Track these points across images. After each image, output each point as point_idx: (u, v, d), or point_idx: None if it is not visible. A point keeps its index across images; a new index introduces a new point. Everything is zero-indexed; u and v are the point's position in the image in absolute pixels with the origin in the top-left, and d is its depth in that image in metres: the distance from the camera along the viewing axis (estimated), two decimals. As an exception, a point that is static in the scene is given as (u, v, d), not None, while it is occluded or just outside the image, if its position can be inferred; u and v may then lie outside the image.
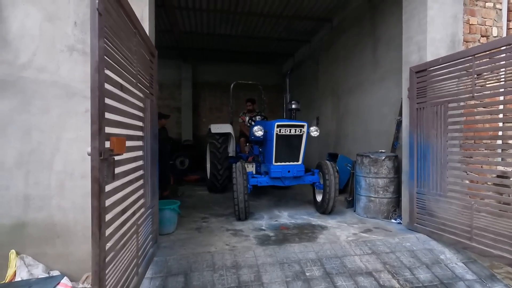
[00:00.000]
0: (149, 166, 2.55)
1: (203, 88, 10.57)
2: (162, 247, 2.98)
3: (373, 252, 2.97)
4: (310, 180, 4.23)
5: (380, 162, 3.97)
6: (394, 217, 3.90)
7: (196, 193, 5.86)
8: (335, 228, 3.60)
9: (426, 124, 3.30)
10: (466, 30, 3.45)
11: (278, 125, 3.85)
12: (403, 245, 3.12)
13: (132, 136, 2.08)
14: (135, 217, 2.07)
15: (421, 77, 3.36)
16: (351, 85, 5.87)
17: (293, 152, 4.01)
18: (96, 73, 1.36)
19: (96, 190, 1.34)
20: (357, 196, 4.24)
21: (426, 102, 3.31)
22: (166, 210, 3.32)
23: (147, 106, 2.51)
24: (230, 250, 2.91)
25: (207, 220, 3.96)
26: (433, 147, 3.20)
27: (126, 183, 1.87)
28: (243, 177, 3.72)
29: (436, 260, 2.90)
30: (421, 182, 3.36)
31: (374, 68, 5.08)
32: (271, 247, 2.98)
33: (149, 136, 2.56)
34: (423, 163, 3.34)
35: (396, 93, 4.47)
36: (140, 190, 2.28)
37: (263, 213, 4.32)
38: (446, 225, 3.06)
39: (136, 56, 2.12)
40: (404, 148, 3.68)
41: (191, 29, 7.53)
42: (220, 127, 5.62)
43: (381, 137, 4.86)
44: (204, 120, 10.58)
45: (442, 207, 3.12)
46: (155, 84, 2.84)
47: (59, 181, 2.56)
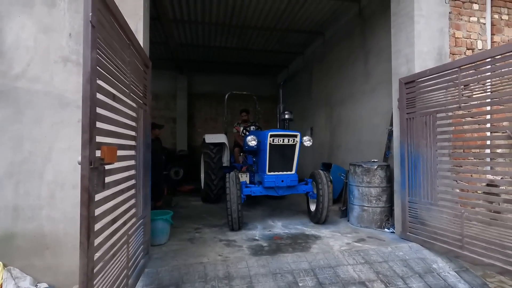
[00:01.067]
0: (141, 175, 2.55)
1: (198, 99, 10.64)
2: (154, 258, 2.94)
3: (366, 261, 2.96)
4: (303, 190, 4.24)
5: (372, 171, 4.01)
6: (387, 226, 3.91)
7: (190, 204, 5.82)
8: (329, 238, 3.60)
9: (416, 134, 3.36)
10: (452, 43, 3.57)
11: (271, 135, 3.88)
12: (396, 254, 3.12)
13: (124, 145, 2.09)
14: (125, 227, 2.06)
15: (410, 88, 3.45)
16: (344, 96, 5.97)
17: (286, 161, 4.04)
18: (88, 84, 1.38)
19: (85, 199, 1.34)
20: (350, 206, 4.25)
21: (415, 113, 3.38)
22: (159, 221, 3.29)
23: (140, 116, 2.53)
24: (223, 260, 2.88)
25: (200, 231, 3.93)
26: (423, 156, 3.26)
27: (117, 192, 1.87)
28: (237, 187, 3.72)
29: (428, 269, 2.91)
30: (413, 191, 3.40)
31: (365, 79, 5.19)
32: (264, 257, 2.96)
33: (141, 145, 2.56)
34: (414, 172, 3.38)
35: (386, 103, 4.56)
36: (132, 200, 2.28)
37: (257, 223, 4.30)
38: (438, 233, 3.08)
39: (129, 67, 2.16)
40: (395, 157, 3.73)
41: (187, 41, 7.65)
42: (214, 137, 5.64)
43: (373, 147, 4.92)
44: (199, 130, 10.59)
45: (434, 216, 3.14)
46: (148, 94, 2.87)
47: (50, 191, 2.53)
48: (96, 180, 1.43)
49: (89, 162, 1.36)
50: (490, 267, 2.60)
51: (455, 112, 2.96)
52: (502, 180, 2.68)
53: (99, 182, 1.45)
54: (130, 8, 2.69)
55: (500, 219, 2.61)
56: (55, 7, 2.60)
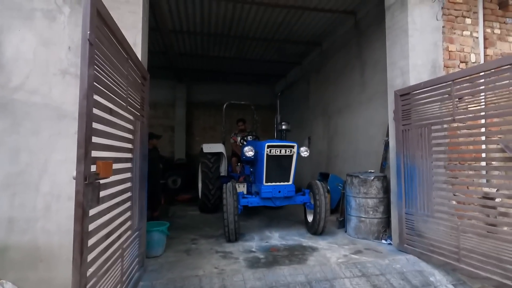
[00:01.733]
0: (137, 187, 2.55)
1: (197, 107, 10.69)
2: (149, 271, 2.91)
3: (363, 274, 2.94)
4: (301, 201, 4.23)
5: (369, 182, 4.02)
6: (385, 238, 3.90)
7: (187, 213, 5.79)
8: (326, 250, 3.58)
9: (411, 145, 3.38)
10: (446, 56, 3.63)
11: (268, 145, 3.90)
12: (393, 267, 3.11)
13: (120, 158, 2.10)
14: (120, 241, 2.05)
15: (405, 100, 3.49)
16: (341, 106, 6.03)
17: (283, 172, 4.04)
18: (85, 100, 1.40)
19: (79, 214, 1.35)
20: (347, 217, 4.25)
21: (411, 124, 3.41)
22: (155, 232, 3.27)
23: (137, 128, 2.54)
24: (219, 273, 2.86)
25: (197, 242, 3.90)
26: (419, 168, 3.27)
27: (112, 206, 1.87)
28: (234, 198, 3.72)
29: (426, 282, 2.89)
30: (409, 202, 3.40)
31: (362, 89, 5.25)
32: (261, 270, 2.94)
33: (138, 157, 2.57)
34: (410, 184, 3.39)
35: (383, 114, 4.60)
36: (127, 213, 2.27)
37: (254, 234, 4.28)
38: (435, 246, 3.08)
39: (127, 80, 2.18)
40: (391, 168, 3.74)
41: (186, 51, 7.73)
42: (212, 147, 5.65)
43: (370, 157, 4.94)
44: (198, 139, 10.61)
45: (430, 227, 3.14)
46: (146, 105, 2.89)
47: (45, 203, 2.53)
48: (90, 195, 1.43)
49: (84, 177, 1.37)
50: (487, 280, 2.59)
51: (450, 125, 3.00)
52: (497, 192, 2.69)
53: (94, 197, 1.46)
54: (129, 22, 2.74)
55: (496, 232, 2.62)
56: (55, 20, 2.64)
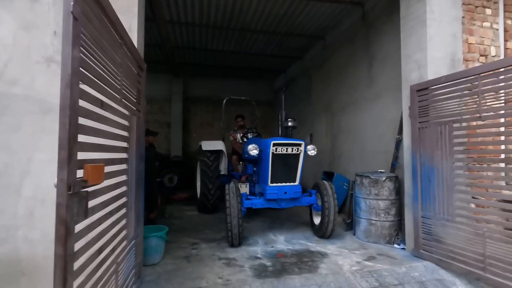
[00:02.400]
0: (133, 191, 2.27)
1: (194, 103, 10.36)
2: (146, 282, 2.64)
3: (381, 284, 2.72)
4: (307, 202, 3.99)
5: (380, 183, 3.79)
6: (397, 242, 3.68)
7: (185, 214, 5.52)
8: (336, 256, 3.34)
9: (429, 144, 3.15)
10: (466, 49, 3.39)
11: (274, 143, 3.63)
12: (411, 275, 2.88)
13: (114, 159, 1.81)
14: (114, 255, 1.77)
15: (423, 95, 3.25)
16: (345, 103, 5.78)
17: (290, 172, 3.79)
18: (68, 88, 1.12)
19: (61, 233, 1.07)
20: (357, 219, 4.02)
21: (429, 122, 3.18)
22: (152, 238, 3.00)
23: (133, 124, 2.25)
24: (223, 285, 2.60)
25: (197, 247, 3.64)
26: (438, 168, 3.04)
27: (104, 216, 1.59)
28: (237, 200, 3.46)
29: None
30: (426, 205, 3.18)
31: (369, 85, 5.00)
32: (269, 280, 2.69)
33: (134, 157, 2.29)
34: (427, 186, 3.16)
35: (393, 111, 4.37)
36: (122, 221, 1.99)
37: (257, 237, 4.03)
38: (456, 252, 2.86)
39: (121, 69, 1.89)
40: (406, 169, 3.51)
41: (183, 44, 7.39)
42: (211, 144, 5.37)
43: (378, 156, 4.71)
44: (195, 135, 10.29)
45: (451, 233, 2.92)
46: (142, 99, 2.60)
47: (28, 208, 2.23)
48: (76, 208, 1.15)
49: (68, 186, 1.09)
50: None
51: (473, 123, 2.77)
52: None
53: (80, 210, 1.18)
54: (123, 4, 2.43)
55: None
56: (38, 1, 2.32)
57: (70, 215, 1.10)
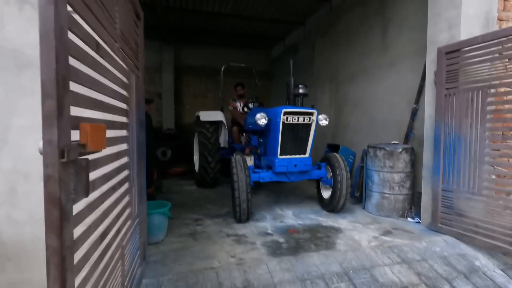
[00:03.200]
0: (135, 163, 1.93)
1: (186, 73, 9.73)
2: (152, 263, 2.39)
3: (403, 260, 2.56)
4: (316, 175, 3.76)
5: (396, 155, 3.57)
6: (411, 216, 3.54)
7: (183, 189, 5.24)
8: (351, 230, 3.17)
9: (457, 112, 2.90)
10: (501, 6, 3.05)
11: (285, 112, 3.30)
12: (433, 250, 2.75)
13: (114, 123, 1.45)
14: (119, 238, 1.48)
15: (452, 58, 2.94)
16: (354, 72, 5.41)
17: (300, 143, 3.50)
18: (51, 5, 0.73)
19: (54, 218, 0.74)
20: (368, 192, 3.84)
21: (457, 88, 2.90)
22: (155, 215, 2.72)
23: (132, 83, 1.87)
24: (238, 264, 2.38)
25: (202, 223, 3.39)
26: (466, 139, 2.82)
27: (106, 192, 1.27)
28: (245, 173, 3.17)
29: (472, 268, 2.55)
30: (448, 178, 2.99)
31: (383, 52, 4.63)
32: (286, 258, 2.49)
33: (135, 123, 1.93)
34: (451, 157, 2.95)
35: (410, 79, 4.06)
36: (126, 197, 1.68)
37: (264, 212, 3.82)
38: (480, 226, 2.72)
39: (117, 7, 1.48)
40: (426, 140, 3.28)
41: (175, 4, 6.69)
42: (210, 115, 4.99)
43: (389, 127, 4.47)
44: (188, 107, 9.79)
45: (475, 206, 2.76)
46: (141, 55, 2.19)
47: (9, 184, 1.87)
48: (73, 182, 0.82)
49: (60, 151, 0.74)
50: (550, 267, 2.26)
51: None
52: None
53: (80, 185, 0.85)
54: None
55: None
56: None
57: (65, 193, 0.77)
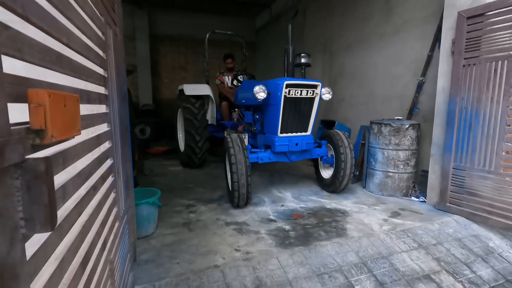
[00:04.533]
0: (119, 148, 1.50)
1: (163, 42, 8.85)
2: (143, 263, 2.03)
3: (419, 245, 2.39)
4: (317, 154, 3.48)
5: (403, 131, 3.34)
6: (415, 195, 3.40)
7: (167, 170, 4.81)
8: (358, 213, 2.97)
9: (476, 85, 2.66)
10: (527, -34, 2.74)
11: (287, 84, 2.90)
12: (446, 232, 2.61)
13: (89, 94, 1.01)
14: (106, 251, 1.09)
15: (475, 24, 2.65)
16: (351, 41, 5.04)
17: (302, 120, 3.16)
18: None
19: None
20: (370, 171, 3.64)
21: (479, 57, 2.64)
22: (143, 206, 2.32)
23: (109, 41, 1.38)
24: (245, 259, 2.08)
25: (195, 210, 3.04)
26: (485, 114, 2.61)
27: (85, 197, 0.86)
28: (244, 154, 2.81)
29: (487, 249, 2.44)
30: (461, 156, 2.81)
31: (385, 18, 4.26)
32: (298, 249, 2.22)
33: (116, 95, 1.47)
34: (466, 134, 2.76)
35: (416, 49, 3.77)
36: (111, 195, 1.26)
37: (261, 194, 3.53)
38: (495, 206, 2.59)
39: None
40: (438, 115, 3.05)
41: (148, -41, 5.81)
42: (196, 88, 4.47)
43: (390, 102, 4.23)
44: (166, 80, 9.04)
45: (491, 185, 2.62)
46: (118, 7, 1.67)
47: None
48: (23, 204, 0.41)
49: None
50: None
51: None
52: None
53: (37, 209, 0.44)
54: None
55: None
56: None
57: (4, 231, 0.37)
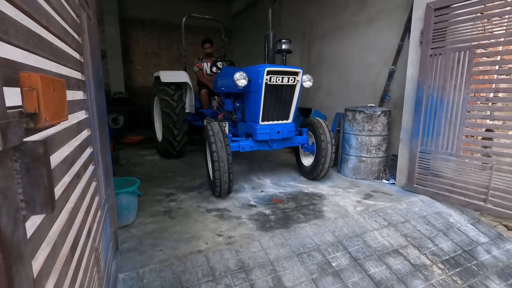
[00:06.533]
0: (97, 135, 1.47)
1: (134, 27, 8.44)
2: (126, 252, 2.03)
3: (389, 223, 2.59)
4: (299, 142, 3.56)
5: (375, 118, 3.51)
6: (386, 177, 3.62)
7: (144, 160, 4.71)
8: (333, 196, 3.13)
9: (442, 74, 2.84)
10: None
11: (269, 71, 2.92)
12: (413, 210, 2.83)
13: (68, 79, 0.98)
14: (91, 239, 1.09)
15: (441, 15, 2.81)
16: (326, 29, 5.12)
17: (283, 108, 3.21)
18: None
19: None
20: (345, 156, 3.81)
21: (444, 47, 2.81)
22: (123, 195, 2.28)
23: (84, 25, 1.32)
24: (228, 244, 2.14)
25: (175, 198, 3.04)
26: (448, 101, 2.81)
27: (70, 183, 0.85)
28: (225, 142, 2.82)
29: (448, 225, 2.69)
30: (427, 140, 3.02)
31: (360, 8, 4.37)
32: (278, 232, 2.32)
33: (92, 81, 1.42)
34: (432, 119, 2.96)
35: (388, 38, 3.93)
36: (92, 183, 1.25)
37: (241, 181, 3.58)
38: (455, 186, 2.84)
39: None
40: (407, 102, 3.24)
41: None
42: (173, 75, 4.34)
43: (364, 90, 4.40)
44: (138, 67, 8.69)
45: (452, 167, 2.86)
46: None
47: None
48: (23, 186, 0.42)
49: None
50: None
51: (505, 47, 2.47)
52: None
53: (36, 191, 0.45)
54: None
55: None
56: None
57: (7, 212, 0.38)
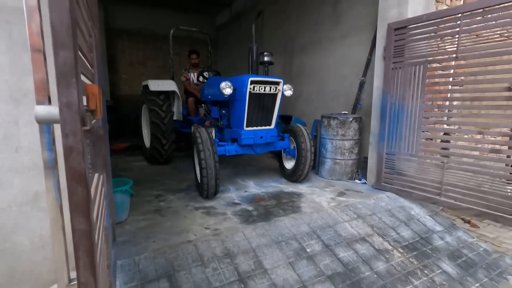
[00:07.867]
0: (102, 136, 1.70)
1: (120, 36, 8.62)
2: (121, 243, 2.23)
3: (358, 216, 2.91)
4: (281, 146, 3.87)
5: (348, 124, 3.89)
6: (358, 178, 3.99)
7: (132, 165, 4.87)
8: (311, 194, 3.44)
9: (402, 85, 3.26)
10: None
11: (252, 81, 3.23)
12: (380, 205, 3.18)
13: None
14: (103, 219, 1.33)
15: (400, 34, 3.24)
16: (306, 43, 5.54)
17: (266, 114, 3.52)
18: None
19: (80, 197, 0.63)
20: (321, 159, 4.15)
21: (403, 62, 3.23)
22: (117, 194, 2.49)
23: (96, 43, 1.58)
24: (214, 235, 2.39)
25: (164, 199, 3.25)
26: (408, 108, 3.22)
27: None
28: (212, 148, 3.06)
29: (409, 216, 3.05)
30: (392, 143, 3.41)
31: (334, 24, 4.81)
32: (260, 224, 2.59)
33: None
34: (395, 125, 3.36)
35: (359, 52, 4.36)
36: (101, 176, 1.48)
37: (226, 183, 3.83)
38: (416, 183, 3.22)
39: None
40: (374, 110, 3.63)
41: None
42: (161, 84, 4.58)
43: (339, 99, 4.80)
44: (124, 76, 8.83)
45: (413, 166, 3.25)
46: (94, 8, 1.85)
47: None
48: (91, 155, 0.69)
49: (80, 117, 0.61)
50: (466, 210, 2.84)
51: (452, 63, 2.90)
52: (492, 131, 2.82)
53: (98, 159, 0.72)
54: None
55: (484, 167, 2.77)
56: None
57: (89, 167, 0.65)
